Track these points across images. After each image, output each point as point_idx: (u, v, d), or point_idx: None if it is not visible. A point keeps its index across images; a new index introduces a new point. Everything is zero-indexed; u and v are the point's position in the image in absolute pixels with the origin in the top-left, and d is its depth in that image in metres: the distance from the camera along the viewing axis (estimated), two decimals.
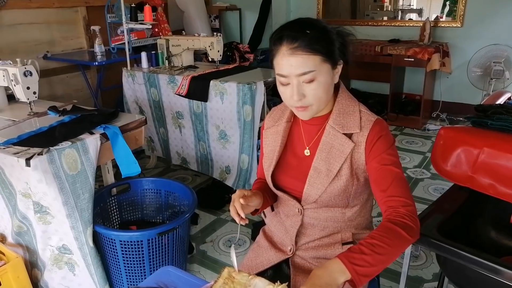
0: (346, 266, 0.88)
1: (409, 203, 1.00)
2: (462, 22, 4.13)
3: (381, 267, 0.92)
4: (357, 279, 0.88)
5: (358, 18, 5.05)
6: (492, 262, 1.07)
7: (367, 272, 0.89)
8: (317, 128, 1.13)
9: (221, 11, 5.37)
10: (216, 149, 2.83)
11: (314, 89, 1.01)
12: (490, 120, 1.38)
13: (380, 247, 0.91)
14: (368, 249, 0.90)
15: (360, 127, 1.07)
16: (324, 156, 1.08)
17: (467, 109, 4.00)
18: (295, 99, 1.01)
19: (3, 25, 3.23)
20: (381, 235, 0.93)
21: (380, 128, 1.06)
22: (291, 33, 0.99)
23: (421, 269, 2.10)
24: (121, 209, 2.09)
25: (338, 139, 1.07)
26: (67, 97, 3.66)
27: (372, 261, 0.89)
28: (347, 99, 1.12)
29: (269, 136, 1.21)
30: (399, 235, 0.94)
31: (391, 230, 0.95)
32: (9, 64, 1.87)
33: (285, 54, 0.99)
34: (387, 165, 1.03)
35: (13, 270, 1.69)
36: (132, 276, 1.81)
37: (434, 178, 3.08)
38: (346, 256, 0.90)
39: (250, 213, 1.15)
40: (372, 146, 1.05)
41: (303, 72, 0.99)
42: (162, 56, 3.11)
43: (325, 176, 1.08)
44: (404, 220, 0.96)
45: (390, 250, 0.92)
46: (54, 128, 1.75)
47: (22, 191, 1.60)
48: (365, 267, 0.89)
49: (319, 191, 1.09)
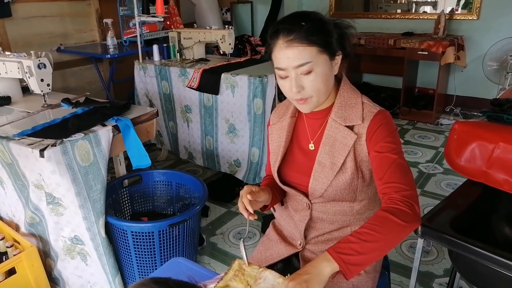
0: (331, 255, 0.88)
1: (404, 188, 0.97)
2: (478, 14, 4.05)
3: (372, 256, 0.90)
4: (345, 268, 0.87)
5: (371, 11, 4.98)
6: (505, 258, 1.06)
7: (356, 260, 0.88)
8: (321, 122, 1.12)
9: (233, 4, 5.35)
10: (224, 143, 2.83)
11: (312, 81, 1.01)
12: (506, 115, 1.35)
13: (368, 234, 0.90)
14: (355, 238, 0.90)
15: (362, 118, 1.06)
16: (328, 149, 1.08)
17: (481, 103, 3.93)
18: (294, 91, 1.01)
19: (18, 18, 3.27)
20: (370, 223, 0.93)
21: (381, 118, 1.05)
22: (287, 26, 1.00)
23: (432, 264, 2.08)
24: (132, 200, 2.11)
25: (341, 132, 1.07)
26: (80, 90, 3.70)
27: (360, 249, 0.89)
28: (349, 91, 1.11)
29: (274, 132, 1.21)
30: (390, 221, 0.92)
31: (381, 218, 0.93)
32: (24, 57, 1.90)
33: (281, 47, 1.00)
34: (384, 153, 1.01)
35: (28, 259, 1.72)
36: (143, 267, 1.83)
37: (447, 173, 3.04)
38: (332, 247, 0.90)
39: (260, 209, 1.14)
40: (372, 135, 1.04)
41: (300, 63, 0.99)
42: (174, 49, 3.12)
43: (329, 169, 1.07)
44: (397, 206, 0.94)
45: (379, 237, 0.90)
46: (67, 120, 1.77)
47: (35, 183, 1.63)
48: (353, 255, 0.88)
49: (324, 185, 1.08)
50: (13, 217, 1.91)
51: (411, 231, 0.96)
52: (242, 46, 4.43)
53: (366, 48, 4.26)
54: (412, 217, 0.94)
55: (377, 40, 4.21)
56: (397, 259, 2.13)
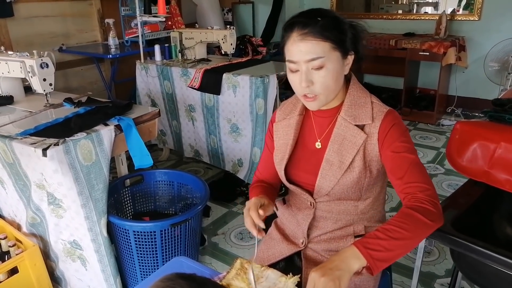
0: (360, 251, 0.87)
1: (427, 187, 0.98)
2: (480, 15, 4.05)
3: (399, 252, 0.90)
4: (373, 264, 0.87)
5: (373, 11, 4.98)
6: (506, 257, 1.06)
7: (383, 256, 0.88)
8: (329, 121, 1.12)
9: (234, 4, 5.36)
10: (228, 142, 2.84)
11: (322, 77, 1.00)
12: (508, 115, 1.35)
13: (396, 232, 0.90)
14: (384, 234, 0.90)
15: (372, 118, 1.06)
16: (336, 148, 1.08)
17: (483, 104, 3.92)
18: (303, 86, 1.01)
19: (20, 18, 3.27)
20: (398, 220, 0.93)
21: (392, 117, 1.06)
22: (302, 20, 1.00)
23: (433, 264, 2.08)
24: (134, 200, 2.11)
25: (350, 131, 1.07)
26: (81, 89, 3.71)
27: (388, 246, 0.88)
28: (358, 90, 1.11)
29: (280, 129, 1.20)
30: (417, 220, 0.92)
31: (408, 215, 0.93)
32: (26, 56, 1.90)
33: (295, 40, 1.00)
34: (401, 153, 1.02)
35: (30, 258, 1.73)
36: (145, 266, 1.83)
37: (448, 173, 3.04)
38: (360, 242, 0.89)
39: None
40: (385, 136, 1.04)
41: (312, 57, 0.99)
42: (175, 49, 3.12)
43: (337, 168, 1.07)
44: (423, 205, 0.95)
45: (407, 234, 0.90)
46: (69, 119, 1.78)
47: (37, 182, 1.63)
48: (381, 251, 0.88)
49: (331, 183, 1.08)
50: (14, 217, 1.91)
51: (435, 229, 0.96)
52: (243, 46, 4.43)
53: (367, 49, 4.23)
54: (437, 215, 0.95)
55: (378, 40, 4.21)
56: (398, 259, 2.13)
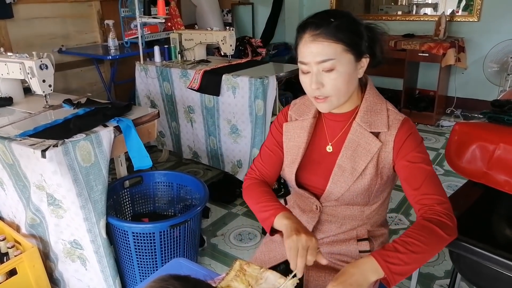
0: (380, 264, 0.87)
1: (444, 200, 0.98)
2: (479, 16, 4.05)
3: (415, 266, 0.90)
4: (391, 278, 0.86)
5: (372, 12, 4.99)
6: (506, 259, 1.05)
7: (402, 270, 0.87)
8: (342, 125, 1.10)
9: (234, 5, 5.36)
10: (227, 143, 2.84)
11: (333, 79, 0.98)
12: (507, 116, 1.35)
13: (416, 245, 0.89)
14: (403, 248, 0.89)
15: (388, 126, 1.04)
16: (350, 154, 1.06)
17: (482, 105, 3.93)
18: (313, 88, 1.00)
19: (19, 19, 3.27)
20: (417, 233, 0.91)
21: (408, 127, 1.05)
22: (315, 21, 0.99)
23: (433, 266, 2.08)
24: (133, 201, 2.11)
25: (365, 138, 1.05)
26: (81, 91, 3.71)
27: (407, 260, 0.88)
28: (375, 96, 1.10)
29: (291, 130, 1.17)
30: (436, 234, 0.92)
31: (427, 229, 0.92)
32: (26, 58, 1.90)
33: (307, 41, 0.99)
34: (418, 163, 1.01)
35: (29, 259, 1.72)
36: (144, 268, 1.83)
37: (448, 174, 3.04)
38: (380, 254, 0.88)
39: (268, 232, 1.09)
40: (402, 145, 1.03)
41: (323, 59, 0.97)
42: (175, 50, 3.13)
43: (349, 174, 1.06)
44: (441, 218, 0.94)
45: (425, 248, 0.90)
46: (69, 120, 1.78)
47: (36, 183, 1.63)
48: (400, 265, 0.87)
49: (342, 189, 1.07)
50: (14, 218, 1.91)
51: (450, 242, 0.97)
52: (243, 47, 4.43)
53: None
54: (454, 230, 0.96)
55: None
56: None
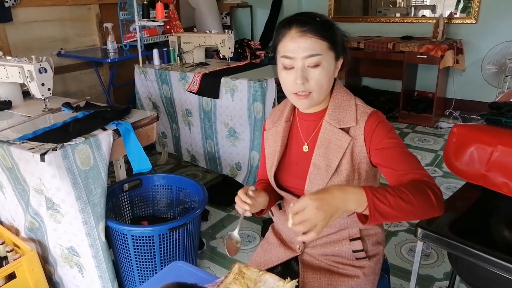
0: (367, 196, 0.85)
1: (430, 176, 0.97)
2: (477, 18, 4.07)
3: (398, 215, 0.88)
4: (372, 214, 0.85)
5: (371, 14, 5.00)
6: (504, 261, 1.06)
7: (384, 211, 0.86)
8: (315, 124, 1.13)
9: (233, 8, 5.37)
10: (225, 146, 2.84)
11: (318, 75, 1.01)
12: (505, 118, 1.36)
13: (406, 194, 0.88)
14: (394, 192, 0.88)
15: (356, 120, 1.07)
16: (323, 152, 1.08)
17: (480, 107, 3.94)
18: (299, 83, 1.01)
19: (19, 23, 3.28)
20: (409, 187, 0.90)
21: (376, 117, 1.06)
22: (302, 18, 1.01)
23: (432, 267, 2.08)
24: (132, 204, 2.11)
25: (335, 134, 1.07)
26: (80, 94, 3.71)
27: (393, 203, 0.86)
28: (342, 94, 1.12)
29: (269, 137, 1.22)
30: (427, 194, 0.90)
31: (419, 187, 0.91)
32: (25, 61, 1.90)
33: (294, 36, 1.00)
34: (393, 148, 1.02)
35: (28, 263, 1.72)
36: (143, 271, 1.83)
37: (446, 176, 3.04)
38: (370, 189, 0.87)
39: (256, 214, 1.15)
40: (372, 135, 1.04)
41: (311, 54, 0.99)
42: (174, 53, 3.13)
43: (324, 172, 1.08)
44: (433, 188, 0.93)
45: (414, 201, 0.88)
46: (68, 124, 1.78)
47: (35, 187, 1.63)
48: (385, 205, 0.86)
49: (319, 187, 1.08)
50: (13, 222, 1.91)
51: (434, 215, 0.93)
52: (241, 50, 4.44)
53: (365, 52, 4.27)
54: (441, 203, 0.93)
55: (376, 43, 4.22)
56: (397, 262, 2.14)
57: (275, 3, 5.19)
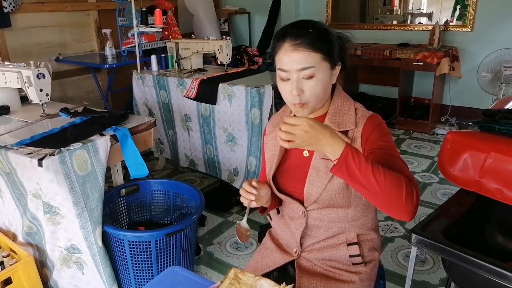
0: (345, 149, 0.90)
1: (415, 181, 0.98)
2: (472, 26, 4.11)
3: (362, 182, 0.91)
4: (339, 164, 0.90)
5: (367, 22, 5.04)
6: (497, 267, 1.07)
7: (351, 170, 0.90)
8: None
9: (231, 15, 5.40)
10: (224, 151, 2.85)
11: (312, 86, 1.03)
12: (498, 125, 1.38)
13: (378, 170, 0.90)
14: (369, 161, 0.91)
15: (355, 123, 1.09)
16: (322, 154, 1.10)
17: (476, 113, 3.96)
18: (294, 94, 1.04)
19: (17, 28, 3.30)
20: (387, 169, 0.92)
21: (374, 120, 1.09)
22: (295, 31, 1.03)
23: (428, 273, 2.09)
24: (129, 210, 2.12)
25: None
26: (78, 99, 3.72)
27: (363, 169, 0.90)
28: (342, 98, 1.14)
29: (269, 141, 1.24)
30: (400, 184, 0.91)
31: (397, 175, 0.93)
32: (23, 67, 1.91)
33: (287, 49, 1.03)
34: (384, 150, 1.04)
35: (24, 269, 1.72)
36: (140, 276, 1.83)
37: (442, 182, 3.06)
38: (351, 148, 0.91)
39: (259, 211, 1.20)
40: (368, 137, 1.07)
41: (304, 67, 1.02)
42: (172, 59, 3.15)
43: (324, 173, 1.09)
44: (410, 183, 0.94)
45: (383, 180, 0.90)
46: (65, 129, 1.79)
47: (33, 192, 1.63)
48: (355, 165, 0.90)
49: (319, 189, 1.10)
50: (10, 226, 1.91)
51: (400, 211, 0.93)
52: (239, 56, 4.46)
53: (362, 59, 4.30)
54: (413, 207, 0.93)
55: (373, 50, 4.26)
56: (392, 268, 2.14)
57: (273, 10, 5.22)
